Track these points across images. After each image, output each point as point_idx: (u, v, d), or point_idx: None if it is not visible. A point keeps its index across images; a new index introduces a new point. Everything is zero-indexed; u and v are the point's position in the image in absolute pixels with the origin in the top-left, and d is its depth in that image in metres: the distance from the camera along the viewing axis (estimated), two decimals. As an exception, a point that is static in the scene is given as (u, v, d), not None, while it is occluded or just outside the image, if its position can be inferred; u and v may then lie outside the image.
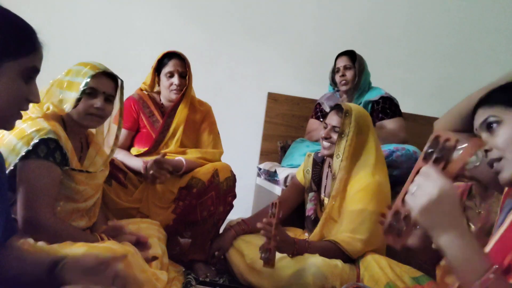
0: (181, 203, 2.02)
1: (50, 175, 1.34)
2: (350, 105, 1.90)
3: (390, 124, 2.56)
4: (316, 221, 1.95)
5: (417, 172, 0.85)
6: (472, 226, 1.23)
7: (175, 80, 2.12)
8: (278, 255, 1.69)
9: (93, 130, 1.65)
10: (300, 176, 2.12)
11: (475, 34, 3.43)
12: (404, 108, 2.66)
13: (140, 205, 2.03)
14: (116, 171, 2.01)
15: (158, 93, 2.24)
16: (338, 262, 1.70)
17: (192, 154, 2.14)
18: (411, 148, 2.44)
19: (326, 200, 1.95)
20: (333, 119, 1.91)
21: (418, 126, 3.31)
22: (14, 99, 0.82)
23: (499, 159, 0.93)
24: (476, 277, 0.77)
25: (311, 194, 2.02)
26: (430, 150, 0.85)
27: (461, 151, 0.83)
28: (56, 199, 1.41)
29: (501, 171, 0.93)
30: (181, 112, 2.16)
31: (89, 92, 1.48)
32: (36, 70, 0.85)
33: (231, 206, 2.14)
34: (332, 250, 1.75)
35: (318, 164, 2.06)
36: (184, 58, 2.15)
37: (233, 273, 1.95)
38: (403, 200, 0.87)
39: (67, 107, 1.46)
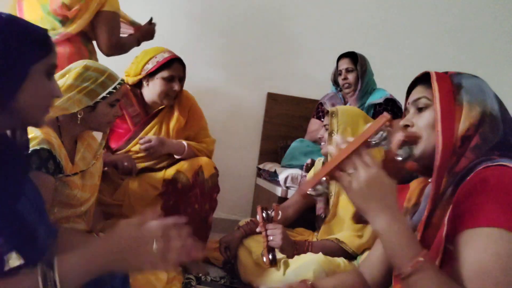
0: (166, 198, 1.98)
1: (42, 186, 1.31)
2: (337, 107, 1.97)
3: (389, 125, 2.56)
4: (325, 219, 1.98)
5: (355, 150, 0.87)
6: None
7: (176, 85, 2.00)
8: (280, 254, 1.72)
9: None
10: None
11: (476, 34, 3.43)
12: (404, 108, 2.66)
13: (123, 202, 1.99)
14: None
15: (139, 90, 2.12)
16: (340, 261, 1.71)
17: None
18: (411, 148, 2.44)
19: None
20: (324, 121, 2.00)
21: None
22: (43, 96, 0.89)
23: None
24: (407, 260, 0.81)
25: None
26: (375, 138, 0.89)
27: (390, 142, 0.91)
28: (51, 206, 1.40)
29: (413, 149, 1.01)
30: (175, 119, 2.09)
31: (111, 103, 1.51)
32: (55, 66, 0.93)
33: (216, 202, 2.11)
34: (333, 249, 1.76)
35: None
36: (183, 63, 2.06)
37: (238, 272, 1.97)
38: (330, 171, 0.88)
39: (74, 109, 1.45)
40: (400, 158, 0.96)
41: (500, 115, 0.96)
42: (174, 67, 2.01)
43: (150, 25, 2.40)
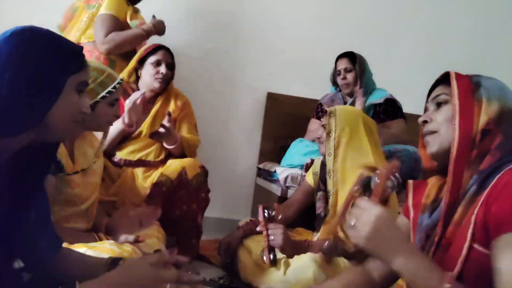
0: (153, 202, 2.02)
1: None
2: (335, 107, 1.97)
3: (390, 125, 2.56)
4: (325, 218, 1.99)
5: (350, 204, 0.93)
6: None
7: (163, 68, 2.15)
8: (280, 254, 1.73)
9: None
10: (309, 178, 2.15)
11: (476, 35, 3.43)
12: (404, 108, 2.66)
13: (117, 198, 2.02)
14: None
15: (135, 84, 2.26)
16: (340, 261, 1.70)
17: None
18: (411, 148, 2.43)
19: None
20: (323, 121, 2.00)
21: (418, 126, 3.31)
22: (72, 111, 0.91)
23: (433, 132, 1.03)
24: None
25: (319, 193, 2.05)
26: (358, 187, 0.98)
27: (377, 179, 0.96)
28: (51, 205, 1.39)
29: (430, 144, 1.03)
30: (164, 102, 2.20)
31: (111, 103, 1.51)
32: (86, 84, 0.94)
33: (207, 201, 2.15)
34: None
35: (326, 165, 2.09)
36: (171, 52, 2.22)
37: (238, 271, 1.98)
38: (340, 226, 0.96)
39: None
40: (390, 190, 0.98)
41: None
42: (160, 53, 2.18)
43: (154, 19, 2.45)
